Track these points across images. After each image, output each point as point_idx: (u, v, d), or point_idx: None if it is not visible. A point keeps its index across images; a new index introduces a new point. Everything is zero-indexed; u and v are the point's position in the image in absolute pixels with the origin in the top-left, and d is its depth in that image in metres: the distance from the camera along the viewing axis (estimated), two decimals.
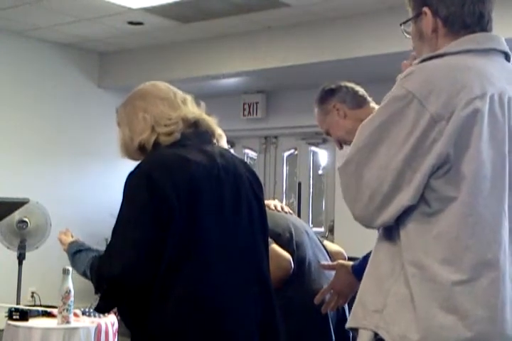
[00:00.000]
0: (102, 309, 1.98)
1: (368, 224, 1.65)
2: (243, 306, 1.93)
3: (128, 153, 2.07)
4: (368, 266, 1.69)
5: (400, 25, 1.77)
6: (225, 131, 2.27)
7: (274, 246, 2.46)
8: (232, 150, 2.32)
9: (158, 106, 2.04)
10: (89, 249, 2.10)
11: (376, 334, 1.57)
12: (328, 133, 2.65)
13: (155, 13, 6.00)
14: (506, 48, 1.68)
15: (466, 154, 1.51)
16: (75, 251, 2.12)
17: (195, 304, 1.85)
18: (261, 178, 2.20)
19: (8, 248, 4.79)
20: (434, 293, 1.50)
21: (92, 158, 7.42)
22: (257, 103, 7.51)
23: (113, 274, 1.84)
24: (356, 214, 1.63)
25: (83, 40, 7.05)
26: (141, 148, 2.01)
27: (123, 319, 1.98)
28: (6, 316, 3.86)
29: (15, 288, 4.83)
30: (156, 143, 2.00)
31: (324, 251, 2.73)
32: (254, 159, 7.82)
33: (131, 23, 6.32)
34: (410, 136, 1.52)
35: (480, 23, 1.66)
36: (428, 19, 1.68)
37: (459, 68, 1.57)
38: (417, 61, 1.65)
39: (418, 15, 1.70)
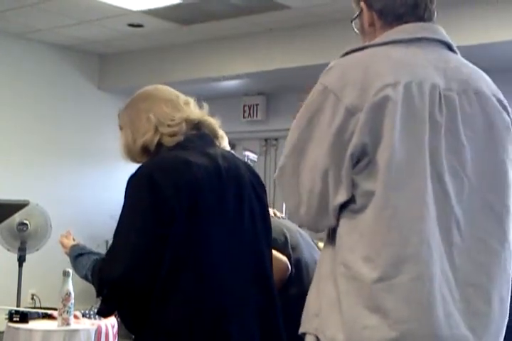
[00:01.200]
0: (104, 313, 1.98)
1: (314, 229, 1.60)
2: (245, 308, 1.93)
3: (131, 155, 2.05)
4: None
5: (351, 22, 1.76)
6: (225, 133, 2.27)
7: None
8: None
9: (162, 107, 2.03)
10: (90, 253, 2.10)
11: (318, 339, 1.54)
12: None
13: (155, 15, 6.00)
14: (443, 37, 1.63)
15: (381, 144, 1.45)
16: (77, 255, 2.12)
17: (196, 306, 1.84)
18: None
19: (8, 250, 4.79)
20: (358, 292, 1.44)
21: (93, 159, 7.42)
22: (257, 105, 7.51)
23: (113, 277, 1.83)
24: (301, 220, 1.58)
25: (83, 42, 7.05)
26: (144, 149, 2.00)
27: (124, 322, 1.98)
28: (6, 318, 3.87)
29: (15, 290, 4.82)
30: (159, 145, 1.99)
31: (320, 252, 2.74)
32: (255, 161, 7.81)
33: (131, 25, 6.33)
34: (329, 131, 1.49)
35: (414, 13, 1.63)
36: (364, 14, 1.68)
37: (375, 58, 1.55)
38: (341, 55, 1.63)
39: (360, 12, 1.70)
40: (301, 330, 1.61)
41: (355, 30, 1.76)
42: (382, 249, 1.43)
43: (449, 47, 1.64)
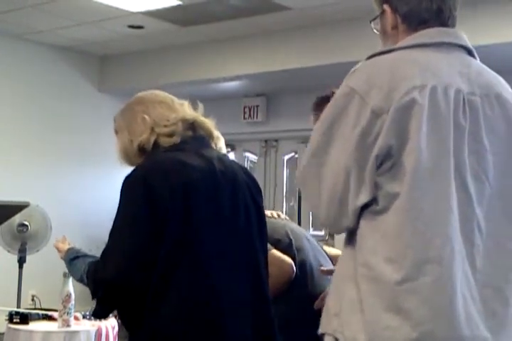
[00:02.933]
0: (99, 314, 1.99)
1: (334, 229, 1.62)
2: (239, 307, 1.93)
3: (128, 157, 2.07)
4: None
5: (370, 22, 1.77)
6: (225, 134, 2.27)
7: (275, 252, 2.46)
8: (232, 154, 2.32)
9: (157, 108, 2.05)
10: (85, 256, 2.12)
11: (337, 339, 1.55)
12: None
13: (155, 17, 6.00)
14: (465, 43, 1.66)
15: (407, 147, 1.47)
16: (72, 258, 2.13)
17: (191, 305, 1.85)
18: (261, 181, 2.21)
19: (8, 251, 4.79)
20: (380, 293, 1.46)
21: (93, 161, 7.42)
22: (257, 106, 7.51)
23: (108, 278, 1.85)
24: (321, 219, 1.60)
25: (83, 44, 7.06)
26: (141, 149, 2.02)
27: (122, 321, 1.99)
28: (6, 319, 3.86)
29: (15, 292, 4.82)
30: (156, 145, 2.01)
31: (325, 255, 2.73)
32: (255, 162, 7.82)
33: (131, 26, 6.33)
34: (353, 132, 1.51)
35: (439, 18, 1.66)
36: (388, 16, 1.69)
37: (401, 62, 1.57)
38: (366, 57, 1.65)
39: (382, 13, 1.71)
40: (320, 331, 1.63)
41: (374, 30, 1.78)
42: (405, 251, 1.46)
43: (470, 53, 1.67)
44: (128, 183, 1.91)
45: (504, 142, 1.58)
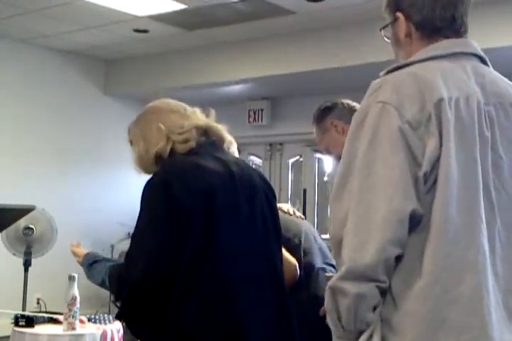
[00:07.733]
0: (122, 316, 1.98)
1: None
2: (259, 309, 1.96)
3: (144, 166, 2.10)
4: None
5: (380, 30, 1.76)
6: None
7: (283, 251, 2.47)
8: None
9: (170, 117, 2.09)
10: (105, 259, 2.13)
11: None
12: (327, 151, 2.67)
13: (160, 21, 6.02)
14: (477, 51, 1.65)
15: (441, 159, 1.44)
16: (92, 262, 2.14)
17: (212, 308, 1.87)
18: None
19: (14, 254, 4.80)
20: (424, 309, 1.41)
21: (98, 164, 7.44)
22: (262, 110, 7.52)
23: (134, 279, 1.86)
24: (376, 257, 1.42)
25: (89, 48, 7.08)
26: (158, 158, 2.05)
27: (140, 326, 1.96)
28: (12, 322, 3.87)
29: (21, 295, 4.83)
30: (172, 152, 2.04)
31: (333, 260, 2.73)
32: (260, 166, 7.82)
33: (136, 30, 6.35)
34: (398, 149, 1.44)
35: (452, 26, 1.65)
36: (401, 24, 1.68)
37: (424, 73, 1.55)
38: (383, 72, 1.63)
39: (394, 21, 1.70)
40: None
41: (385, 38, 1.75)
42: (443, 262, 1.43)
43: (483, 60, 1.66)
44: (148, 188, 1.94)
45: None
